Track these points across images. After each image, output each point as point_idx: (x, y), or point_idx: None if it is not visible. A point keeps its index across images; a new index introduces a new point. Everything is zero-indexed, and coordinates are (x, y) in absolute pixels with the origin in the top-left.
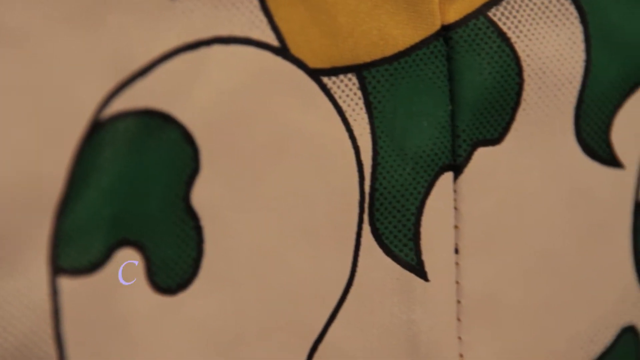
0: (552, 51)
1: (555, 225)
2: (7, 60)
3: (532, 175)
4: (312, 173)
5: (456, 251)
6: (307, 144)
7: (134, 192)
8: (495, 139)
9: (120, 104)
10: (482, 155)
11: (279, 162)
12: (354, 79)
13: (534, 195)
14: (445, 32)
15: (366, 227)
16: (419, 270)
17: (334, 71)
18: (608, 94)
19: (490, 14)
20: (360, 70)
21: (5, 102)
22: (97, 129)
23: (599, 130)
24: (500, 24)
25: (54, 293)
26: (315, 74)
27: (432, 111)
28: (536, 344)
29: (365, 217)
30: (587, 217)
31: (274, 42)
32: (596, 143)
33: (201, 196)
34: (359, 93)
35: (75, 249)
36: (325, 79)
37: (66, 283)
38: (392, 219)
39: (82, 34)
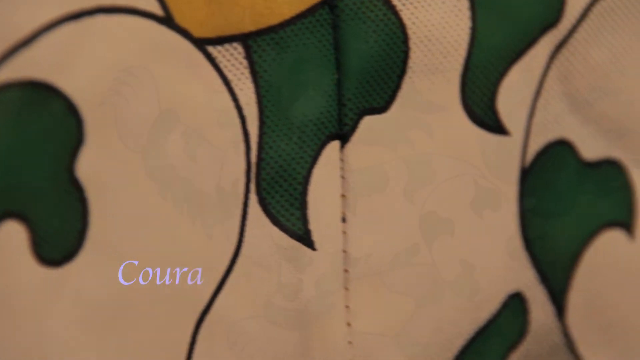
0: (437, 18)
1: (442, 193)
2: None
3: (418, 143)
4: (198, 143)
5: (343, 220)
6: (192, 114)
7: (17, 164)
8: (381, 107)
9: (4, 75)
10: (369, 124)
11: (164, 132)
12: (240, 48)
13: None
14: (331, 0)
15: (253, 197)
16: (306, 239)
17: (219, 40)
18: (494, 61)
19: None
20: (245, 39)
21: None
22: None
23: (485, 98)
24: None
25: None
26: (201, 44)
27: (318, 80)
28: (421, 311)
29: (252, 186)
30: (474, 184)
31: (159, 11)
32: (482, 110)
33: (86, 167)
34: (245, 62)
35: None
36: (210, 49)
37: None
38: (279, 189)
39: None
